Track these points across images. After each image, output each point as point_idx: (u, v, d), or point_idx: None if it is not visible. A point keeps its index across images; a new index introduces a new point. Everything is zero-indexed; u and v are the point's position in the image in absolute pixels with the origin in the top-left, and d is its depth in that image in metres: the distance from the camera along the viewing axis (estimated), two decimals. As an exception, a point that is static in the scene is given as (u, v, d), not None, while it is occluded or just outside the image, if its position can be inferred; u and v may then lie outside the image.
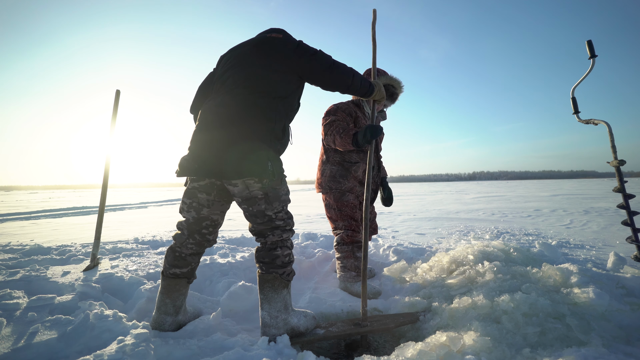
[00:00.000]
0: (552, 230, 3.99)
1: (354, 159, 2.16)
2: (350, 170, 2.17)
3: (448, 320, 1.43)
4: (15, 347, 1.16)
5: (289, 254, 1.43)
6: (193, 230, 1.47)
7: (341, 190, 2.17)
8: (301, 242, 3.21)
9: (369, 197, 1.65)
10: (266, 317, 1.36)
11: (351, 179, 2.17)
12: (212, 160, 1.31)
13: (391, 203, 2.36)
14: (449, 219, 5.38)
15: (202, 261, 2.32)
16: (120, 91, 2.51)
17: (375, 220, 2.50)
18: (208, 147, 1.33)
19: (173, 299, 1.46)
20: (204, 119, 1.39)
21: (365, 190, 1.62)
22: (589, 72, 1.95)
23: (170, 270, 1.46)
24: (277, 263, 1.38)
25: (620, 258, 2.12)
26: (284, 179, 1.45)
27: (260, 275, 1.40)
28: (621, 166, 1.82)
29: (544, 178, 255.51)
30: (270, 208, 1.38)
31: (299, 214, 6.83)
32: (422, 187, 30.03)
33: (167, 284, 1.46)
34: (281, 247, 1.41)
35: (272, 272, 1.38)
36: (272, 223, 1.40)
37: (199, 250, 1.51)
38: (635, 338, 1.26)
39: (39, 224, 6.03)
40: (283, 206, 1.44)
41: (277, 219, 1.40)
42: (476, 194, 13.53)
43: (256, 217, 1.40)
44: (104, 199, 2.41)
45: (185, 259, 1.48)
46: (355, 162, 2.16)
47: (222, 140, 1.31)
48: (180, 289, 1.48)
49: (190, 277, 1.52)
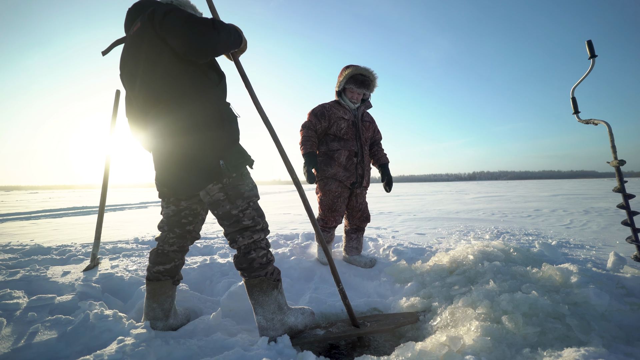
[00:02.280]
0: (552, 230, 3.99)
1: (335, 147, 2.40)
2: (333, 157, 2.40)
3: (448, 320, 1.42)
4: (16, 347, 1.16)
5: (265, 254, 1.36)
6: (172, 223, 1.46)
7: (325, 177, 2.41)
8: (301, 242, 3.21)
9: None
10: (262, 320, 1.34)
11: (335, 165, 2.39)
12: (170, 183, 1.34)
13: (391, 187, 2.60)
14: (449, 219, 5.38)
15: (202, 261, 2.32)
16: (120, 91, 2.51)
17: (366, 210, 2.58)
18: (161, 169, 1.35)
19: (160, 302, 1.43)
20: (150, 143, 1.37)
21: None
22: (589, 72, 1.95)
23: (153, 269, 1.45)
24: (254, 266, 1.33)
25: (620, 258, 2.12)
26: (245, 173, 1.35)
27: (246, 281, 1.36)
28: (621, 166, 1.82)
29: (544, 178, 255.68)
30: (234, 207, 1.32)
31: (298, 214, 6.83)
32: (422, 187, 30.04)
33: (152, 287, 1.43)
34: (255, 250, 1.35)
35: (256, 276, 1.34)
36: (239, 224, 1.33)
37: (181, 245, 1.48)
38: (635, 338, 1.26)
39: (39, 224, 6.03)
40: (249, 203, 1.36)
41: (244, 217, 1.33)
42: (476, 194, 13.54)
43: (223, 219, 1.35)
44: (104, 199, 2.41)
45: (168, 255, 1.46)
46: (337, 149, 2.39)
47: (167, 161, 1.31)
48: (167, 292, 1.45)
49: (175, 276, 1.49)
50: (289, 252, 2.64)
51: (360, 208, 2.53)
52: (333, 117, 2.40)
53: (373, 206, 8.34)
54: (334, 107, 2.43)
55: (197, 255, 2.73)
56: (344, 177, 2.39)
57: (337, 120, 2.39)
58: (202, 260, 2.34)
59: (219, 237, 3.63)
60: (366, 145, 2.53)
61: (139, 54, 1.26)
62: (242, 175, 1.34)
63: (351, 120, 2.42)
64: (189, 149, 1.26)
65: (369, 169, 2.60)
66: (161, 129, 1.27)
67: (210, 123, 1.26)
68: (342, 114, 2.40)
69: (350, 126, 2.42)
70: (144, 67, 1.25)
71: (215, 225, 5.08)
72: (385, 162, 2.64)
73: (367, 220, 2.57)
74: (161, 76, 1.24)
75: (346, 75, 2.36)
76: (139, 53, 1.26)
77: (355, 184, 2.46)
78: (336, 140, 2.41)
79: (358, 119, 2.46)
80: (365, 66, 2.38)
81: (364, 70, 2.37)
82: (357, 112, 2.46)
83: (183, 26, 1.16)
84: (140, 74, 1.26)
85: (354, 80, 2.35)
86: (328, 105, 2.44)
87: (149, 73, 1.25)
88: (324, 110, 2.41)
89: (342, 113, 2.40)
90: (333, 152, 2.40)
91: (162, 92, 1.24)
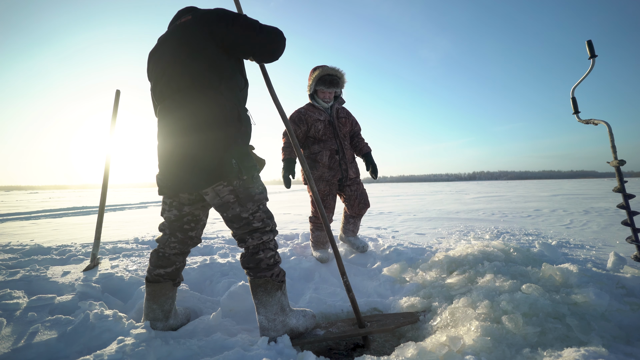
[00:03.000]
0: (552, 230, 3.99)
1: (316, 149, 2.54)
2: (316, 159, 2.53)
3: (448, 320, 1.42)
4: (15, 347, 1.16)
5: (272, 256, 1.38)
6: (174, 227, 1.44)
7: (313, 178, 2.49)
8: (301, 242, 3.21)
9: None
10: (264, 321, 1.34)
11: (320, 167, 2.52)
12: (175, 177, 1.29)
13: (376, 174, 2.67)
14: (449, 219, 5.38)
15: (202, 261, 2.32)
16: (120, 91, 2.51)
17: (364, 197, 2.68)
18: (167, 163, 1.31)
19: (160, 304, 1.43)
20: (160, 132, 1.36)
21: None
22: (589, 72, 1.95)
23: (154, 271, 1.44)
24: (261, 266, 1.34)
25: (620, 258, 2.12)
26: (256, 176, 1.36)
27: (251, 280, 1.36)
28: (621, 166, 1.82)
29: (544, 178, 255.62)
30: (244, 210, 1.33)
31: (298, 214, 6.83)
32: (422, 187, 30.02)
33: (152, 289, 1.43)
34: (263, 250, 1.36)
35: (261, 277, 1.34)
36: (249, 226, 1.34)
37: (182, 250, 1.48)
38: (635, 338, 1.25)
39: (39, 224, 6.03)
40: (259, 206, 1.37)
41: (254, 220, 1.35)
42: (476, 194, 13.53)
43: (232, 222, 1.35)
44: (104, 199, 2.41)
45: (169, 258, 1.45)
46: (318, 151, 2.53)
47: (178, 154, 1.28)
48: (167, 293, 1.44)
49: (176, 279, 1.49)
50: (289, 252, 2.64)
51: (356, 196, 2.65)
52: (310, 120, 2.51)
53: (373, 206, 8.34)
54: (309, 110, 2.55)
55: (197, 255, 2.73)
56: (330, 175, 2.53)
57: (314, 123, 2.51)
58: (202, 260, 2.34)
59: (219, 237, 3.63)
60: (345, 140, 2.65)
61: (182, 38, 1.30)
62: (253, 178, 1.34)
63: (327, 120, 2.55)
64: (205, 138, 1.26)
65: (352, 162, 2.71)
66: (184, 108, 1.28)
67: (229, 122, 1.29)
68: (317, 115, 2.53)
69: (327, 126, 2.55)
70: (181, 53, 1.28)
71: (215, 225, 5.07)
72: (368, 151, 2.74)
73: (367, 206, 2.68)
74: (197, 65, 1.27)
75: (314, 77, 2.49)
76: (182, 38, 1.30)
77: (342, 179, 2.59)
78: (316, 142, 2.55)
79: (333, 117, 2.59)
80: (332, 65, 2.51)
81: (331, 70, 2.49)
82: (331, 111, 2.59)
83: (260, 30, 1.30)
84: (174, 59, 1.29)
85: (322, 82, 2.48)
86: (303, 109, 2.56)
87: (185, 60, 1.28)
88: (301, 115, 2.52)
89: (317, 115, 2.53)
90: (315, 155, 2.54)
91: (188, 81, 1.27)
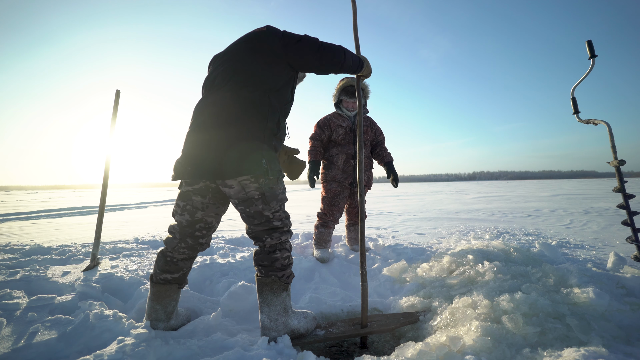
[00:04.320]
0: (552, 230, 3.99)
1: (334, 152, 2.75)
2: (333, 161, 2.74)
3: (448, 320, 1.42)
4: (15, 347, 1.16)
5: (288, 257, 1.40)
6: (185, 233, 1.43)
7: (327, 179, 2.76)
8: (301, 242, 3.21)
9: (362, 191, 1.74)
10: (266, 320, 1.35)
11: (334, 169, 2.73)
12: (207, 162, 1.28)
13: (397, 183, 2.78)
14: (449, 219, 5.38)
15: (202, 261, 2.32)
16: (120, 91, 2.51)
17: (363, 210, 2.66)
18: (202, 148, 1.30)
19: (164, 305, 1.43)
20: (195, 120, 1.37)
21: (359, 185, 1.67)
22: (589, 72, 1.95)
23: (161, 275, 1.43)
24: (276, 266, 1.36)
25: (620, 258, 2.12)
26: (281, 178, 1.42)
27: (259, 278, 1.37)
28: (621, 166, 1.82)
29: (544, 178, 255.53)
30: (267, 208, 1.35)
31: (298, 214, 6.83)
32: (422, 187, 30.03)
33: (157, 290, 1.43)
34: (280, 250, 1.38)
35: (271, 276, 1.35)
36: (269, 224, 1.37)
37: (191, 255, 1.47)
38: (635, 338, 1.25)
39: (39, 224, 6.03)
40: (280, 205, 1.40)
41: (274, 219, 1.37)
42: (476, 194, 13.53)
43: (254, 218, 1.36)
44: (104, 199, 2.41)
45: (177, 264, 1.44)
46: (336, 154, 2.74)
47: (217, 141, 1.28)
48: (171, 295, 1.44)
49: (182, 283, 1.49)
50: (289, 252, 2.64)
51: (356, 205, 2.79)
52: (333, 125, 2.74)
53: (373, 206, 8.34)
54: (334, 117, 2.78)
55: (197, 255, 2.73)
56: (342, 178, 2.72)
57: (336, 129, 2.73)
58: (202, 260, 2.34)
59: (219, 237, 3.63)
60: (365, 148, 2.77)
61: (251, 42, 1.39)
62: (278, 179, 1.39)
63: (349, 127, 2.74)
64: (244, 133, 1.29)
65: (368, 170, 2.86)
66: (230, 101, 1.31)
67: (271, 124, 1.34)
68: (340, 122, 2.74)
69: (347, 132, 2.73)
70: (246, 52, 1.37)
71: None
72: (390, 160, 2.86)
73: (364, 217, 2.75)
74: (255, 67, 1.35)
75: (339, 88, 2.73)
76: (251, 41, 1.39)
77: (353, 184, 2.73)
78: (335, 146, 2.76)
79: (356, 125, 2.71)
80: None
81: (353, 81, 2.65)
82: (354, 119, 2.75)
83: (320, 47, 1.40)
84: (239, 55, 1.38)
85: (346, 92, 2.69)
86: (330, 116, 2.80)
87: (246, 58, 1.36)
88: (326, 122, 2.76)
89: (340, 122, 2.74)
90: (332, 157, 2.75)
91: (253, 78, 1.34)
